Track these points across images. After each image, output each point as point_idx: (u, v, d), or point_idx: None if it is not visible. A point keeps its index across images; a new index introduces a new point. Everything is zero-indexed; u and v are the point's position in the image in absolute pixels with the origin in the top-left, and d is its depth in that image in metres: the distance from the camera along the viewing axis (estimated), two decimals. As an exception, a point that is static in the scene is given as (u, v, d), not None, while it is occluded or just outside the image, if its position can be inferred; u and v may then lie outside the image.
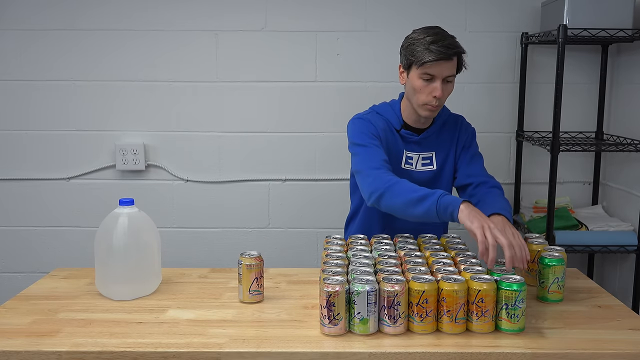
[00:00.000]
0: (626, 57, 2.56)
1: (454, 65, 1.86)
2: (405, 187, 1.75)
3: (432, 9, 2.64)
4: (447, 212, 1.64)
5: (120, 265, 1.66)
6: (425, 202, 1.68)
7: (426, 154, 2.00)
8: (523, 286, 1.44)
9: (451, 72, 1.86)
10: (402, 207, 1.73)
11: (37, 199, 2.76)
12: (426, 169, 2.00)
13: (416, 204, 1.69)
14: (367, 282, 1.43)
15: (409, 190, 1.73)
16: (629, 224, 2.45)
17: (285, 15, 2.65)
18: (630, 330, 1.49)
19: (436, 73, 1.84)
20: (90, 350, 1.38)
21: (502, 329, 1.45)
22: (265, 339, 1.42)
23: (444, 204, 1.65)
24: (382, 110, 2.02)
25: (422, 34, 1.86)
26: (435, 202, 1.66)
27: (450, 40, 1.84)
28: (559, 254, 1.66)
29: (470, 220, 1.58)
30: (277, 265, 2.05)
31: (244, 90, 2.70)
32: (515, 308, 1.44)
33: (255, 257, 1.65)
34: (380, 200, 1.77)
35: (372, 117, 1.99)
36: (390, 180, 1.77)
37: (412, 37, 1.89)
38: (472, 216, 1.59)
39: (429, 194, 1.69)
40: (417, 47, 1.84)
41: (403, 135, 1.98)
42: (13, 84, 2.69)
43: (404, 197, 1.72)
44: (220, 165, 2.75)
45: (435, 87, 1.85)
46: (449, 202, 1.65)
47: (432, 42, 1.82)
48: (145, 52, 2.67)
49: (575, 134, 2.66)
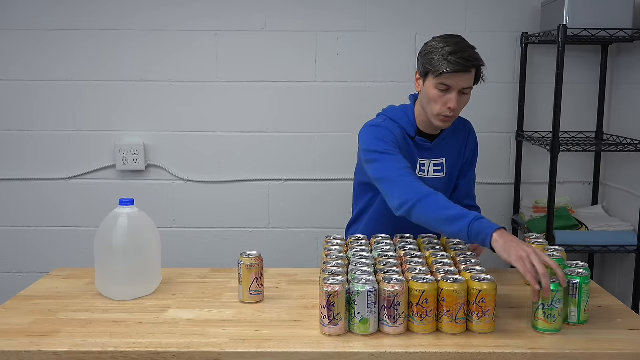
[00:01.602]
0: (626, 57, 2.56)
1: (472, 78, 1.81)
2: (438, 202, 1.69)
3: (432, 9, 2.64)
4: (478, 238, 1.59)
5: (120, 265, 1.66)
6: (458, 223, 1.62)
7: (437, 160, 1.97)
8: (560, 286, 1.44)
9: (468, 84, 1.81)
10: (433, 223, 1.70)
11: (37, 199, 2.76)
12: (437, 175, 1.98)
13: (448, 223, 1.64)
14: (367, 282, 1.43)
15: (442, 207, 1.67)
16: (629, 224, 2.45)
17: (285, 15, 2.65)
18: (630, 330, 1.49)
19: (453, 84, 1.78)
20: (90, 350, 1.38)
21: (538, 329, 1.45)
22: (265, 339, 1.42)
23: (475, 230, 1.59)
24: (395, 116, 1.95)
25: (442, 42, 1.80)
26: (467, 225, 1.60)
27: (470, 52, 1.78)
28: (559, 254, 1.66)
29: (507, 253, 1.51)
30: (277, 265, 2.05)
31: (244, 90, 2.70)
32: (552, 308, 1.44)
33: (255, 257, 1.65)
34: (411, 211, 1.71)
35: (388, 124, 1.92)
36: (422, 191, 1.71)
37: (431, 44, 1.83)
38: (508, 247, 1.52)
39: (463, 215, 1.63)
40: (435, 57, 1.78)
41: (417, 142, 1.93)
42: (13, 84, 2.69)
43: (437, 214, 1.67)
44: (220, 165, 2.75)
45: (451, 99, 1.80)
46: (481, 228, 1.59)
47: (451, 52, 1.76)
48: (145, 52, 2.67)
49: (575, 134, 2.66)
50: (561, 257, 1.65)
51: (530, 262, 1.46)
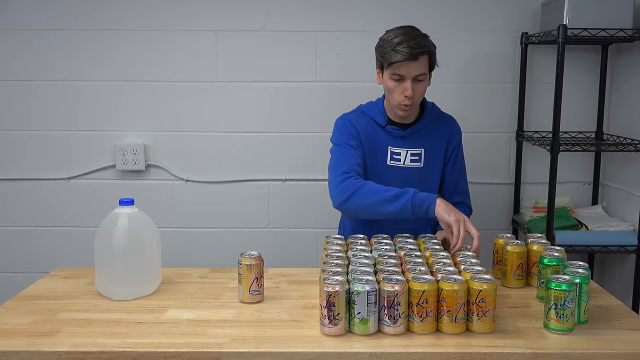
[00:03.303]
0: (626, 57, 2.56)
1: (423, 65, 1.88)
2: (374, 187, 1.84)
3: (432, 9, 2.64)
4: (422, 207, 1.75)
5: (120, 265, 1.66)
6: (400, 200, 1.77)
7: (415, 150, 2.02)
8: (572, 286, 1.44)
9: (420, 71, 1.88)
10: (373, 206, 1.81)
11: (37, 199, 2.76)
12: (414, 165, 2.02)
13: (389, 202, 1.78)
14: (367, 282, 1.43)
15: (380, 190, 1.82)
16: (629, 224, 2.45)
17: (285, 15, 2.65)
18: (630, 330, 1.49)
19: (404, 73, 1.87)
20: (90, 350, 1.38)
21: (550, 329, 1.45)
22: (265, 339, 1.42)
23: (419, 200, 1.76)
24: (366, 108, 2.06)
25: (391, 34, 1.90)
26: (410, 199, 1.76)
27: (417, 39, 1.86)
28: (559, 254, 1.66)
29: (448, 213, 1.71)
30: (277, 265, 2.05)
31: (244, 90, 2.70)
32: (564, 308, 1.43)
33: (255, 257, 1.65)
34: (346, 203, 1.85)
35: (354, 116, 2.03)
36: (357, 183, 1.85)
37: (383, 38, 1.93)
38: (450, 209, 1.72)
39: (403, 192, 1.79)
40: (385, 49, 1.89)
41: (389, 130, 2.01)
42: (13, 83, 2.69)
43: (376, 197, 1.81)
44: (220, 165, 2.75)
45: (406, 87, 1.88)
46: (424, 198, 1.76)
47: (398, 43, 1.85)
48: (145, 52, 2.67)
49: (575, 134, 2.66)
50: (561, 257, 1.65)
51: (464, 226, 1.68)
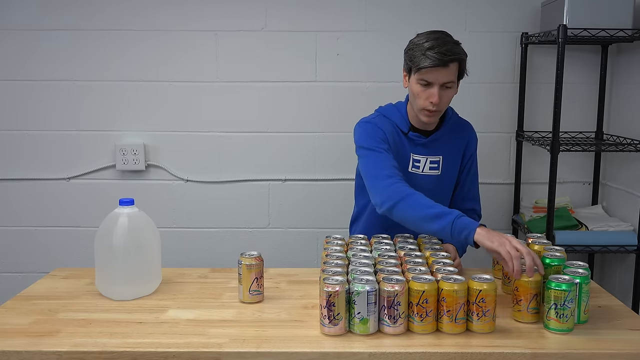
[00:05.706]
0: (626, 57, 2.56)
1: (452, 72, 1.83)
2: (420, 201, 1.74)
3: (432, 9, 2.64)
4: (461, 235, 1.64)
5: (120, 265, 1.66)
6: (441, 221, 1.67)
7: (434, 158, 1.98)
8: (572, 286, 1.44)
9: (449, 78, 1.83)
10: (415, 221, 1.74)
11: (37, 199, 2.76)
12: (432, 172, 1.98)
13: (431, 221, 1.69)
14: (367, 282, 1.43)
15: (424, 206, 1.72)
16: (629, 224, 2.45)
17: (285, 16, 2.65)
18: (630, 330, 1.49)
19: (432, 79, 1.82)
20: (90, 350, 1.38)
21: (550, 329, 1.45)
22: (265, 339, 1.42)
23: (459, 227, 1.65)
24: (388, 112, 2.00)
25: (422, 38, 1.84)
26: (450, 222, 1.66)
27: (449, 46, 1.81)
28: (559, 254, 1.66)
29: (490, 240, 1.58)
30: (277, 265, 2.05)
31: (244, 90, 2.70)
32: (564, 308, 1.44)
33: (255, 257, 1.65)
34: (392, 209, 1.77)
35: (379, 120, 1.96)
36: (404, 191, 1.77)
37: (413, 41, 1.87)
38: (491, 235, 1.59)
39: (446, 213, 1.68)
40: (415, 52, 1.83)
41: (411, 137, 1.95)
42: (14, 84, 2.69)
43: (419, 212, 1.72)
44: (220, 165, 2.75)
45: (433, 93, 1.83)
46: (464, 225, 1.65)
47: (429, 48, 1.80)
48: (145, 52, 2.67)
49: (575, 134, 2.66)
50: (562, 257, 1.65)
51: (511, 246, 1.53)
